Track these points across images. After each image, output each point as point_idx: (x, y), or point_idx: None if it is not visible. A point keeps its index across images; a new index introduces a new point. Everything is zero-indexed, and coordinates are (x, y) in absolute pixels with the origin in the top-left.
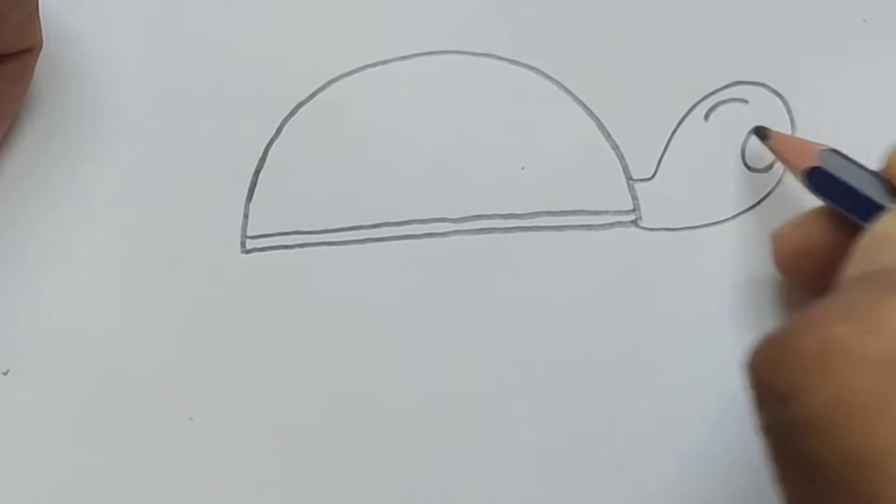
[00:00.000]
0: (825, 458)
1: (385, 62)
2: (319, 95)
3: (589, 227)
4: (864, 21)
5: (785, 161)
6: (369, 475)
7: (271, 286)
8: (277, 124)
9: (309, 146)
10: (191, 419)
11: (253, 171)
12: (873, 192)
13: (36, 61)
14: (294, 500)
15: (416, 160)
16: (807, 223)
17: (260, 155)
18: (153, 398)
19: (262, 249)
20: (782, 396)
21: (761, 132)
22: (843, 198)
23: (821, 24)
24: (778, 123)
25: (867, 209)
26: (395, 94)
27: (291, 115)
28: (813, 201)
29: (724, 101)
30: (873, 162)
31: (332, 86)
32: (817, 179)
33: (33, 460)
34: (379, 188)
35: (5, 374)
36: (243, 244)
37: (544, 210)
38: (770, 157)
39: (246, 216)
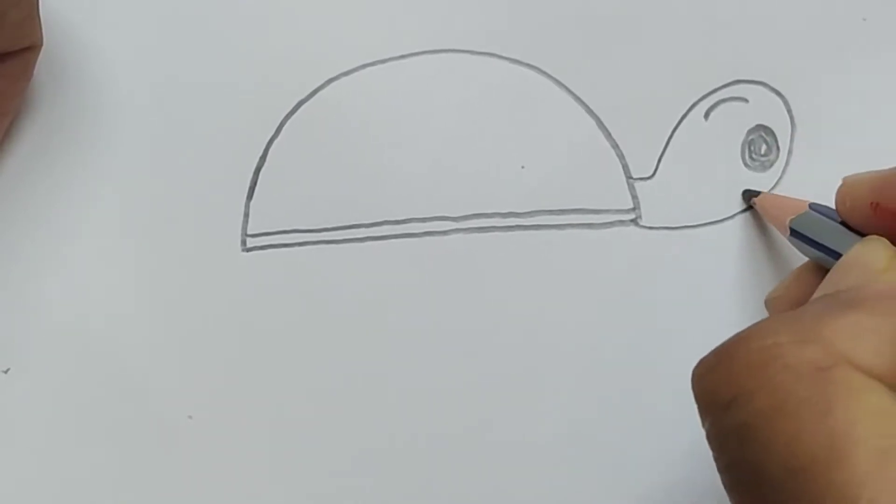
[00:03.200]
0: (766, 466)
1: (385, 61)
2: (320, 94)
3: (589, 225)
4: (865, 20)
5: (769, 217)
6: (369, 473)
7: (272, 285)
8: (278, 123)
9: (309, 144)
10: (190, 417)
11: (253, 169)
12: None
13: (36, 60)
14: (294, 498)
15: (416, 159)
16: (797, 282)
17: (260, 153)
18: (153, 396)
19: (262, 248)
20: (724, 404)
21: (746, 195)
22: (827, 249)
23: (821, 22)
24: (778, 122)
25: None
26: (396, 93)
27: (292, 113)
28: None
29: (724, 100)
30: (874, 161)
31: (333, 84)
32: (799, 240)
33: (33, 458)
34: (379, 187)
35: (6, 372)
36: (244, 242)
37: (544, 209)
38: (772, 156)
39: (246, 215)
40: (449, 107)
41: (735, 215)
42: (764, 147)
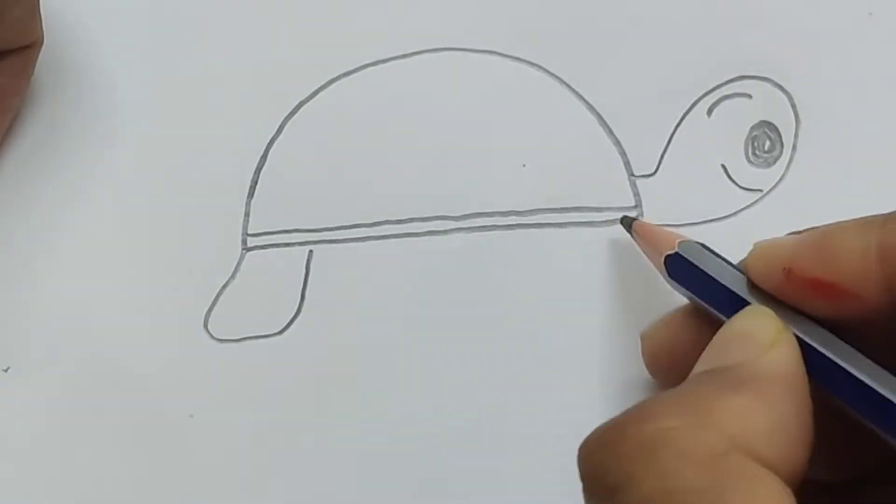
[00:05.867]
0: None
1: (386, 60)
2: (320, 94)
3: (590, 223)
4: (870, 14)
5: (647, 249)
6: (369, 471)
7: (272, 284)
8: (279, 123)
9: (310, 144)
10: (191, 416)
11: (254, 169)
12: (735, 285)
13: (37, 57)
14: (294, 497)
15: (416, 158)
16: (673, 323)
17: (261, 153)
18: (153, 395)
19: (263, 247)
20: (612, 487)
21: (626, 221)
22: (704, 290)
23: (826, 17)
24: (782, 118)
25: (729, 304)
26: (396, 93)
27: (293, 113)
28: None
29: (727, 96)
30: (880, 157)
31: (334, 84)
32: (676, 267)
33: (33, 457)
34: (380, 186)
35: (6, 371)
36: (244, 242)
37: (545, 207)
38: (776, 153)
39: (247, 214)
40: (450, 106)
41: (739, 212)
42: (768, 143)
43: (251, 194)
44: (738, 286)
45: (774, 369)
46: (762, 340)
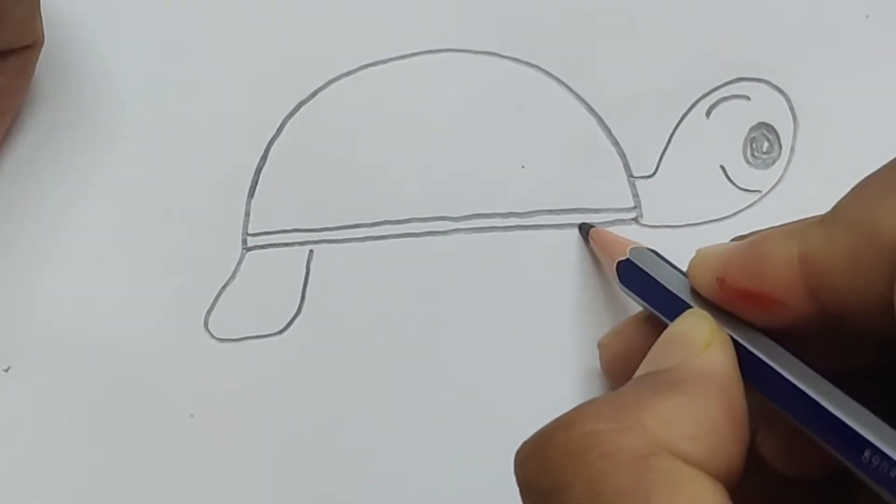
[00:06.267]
0: None
1: (385, 61)
2: (320, 94)
3: (590, 224)
4: (868, 17)
5: (601, 256)
6: (370, 470)
7: (272, 284)
8: (279, 123)
9: (310, 144)
10: (191, 416)
11: (254, 169)
12: (680, 291)
13: (38, 57)
14: (295, 497)
15: (416, 158)
16: (627, 330)
17: (261, 153)
18: (154, 395)
19: (263, 247)
20: (544, 493)
21: (584, 228)
22: (651, 296)
23: (823, 20)
24: (780, 119)
25: (674, 309)
26: (396, 93)
27: (293, 113)
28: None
29: (726, 98)
30: (877, 158)
31: (333, 84)
32: (627, 273)
33: (34, 457)
34: (379, 186)
35: (6, 370)
36: (244, 241)
37: (545, 208)
38: (775, 154)
39: (247, 214)
40: (449, 106)
41: (737, 213)
42: (766, 145)
43: (251, 194)
44: (683, 292)
45: (706, 370)
46: (697, 342)
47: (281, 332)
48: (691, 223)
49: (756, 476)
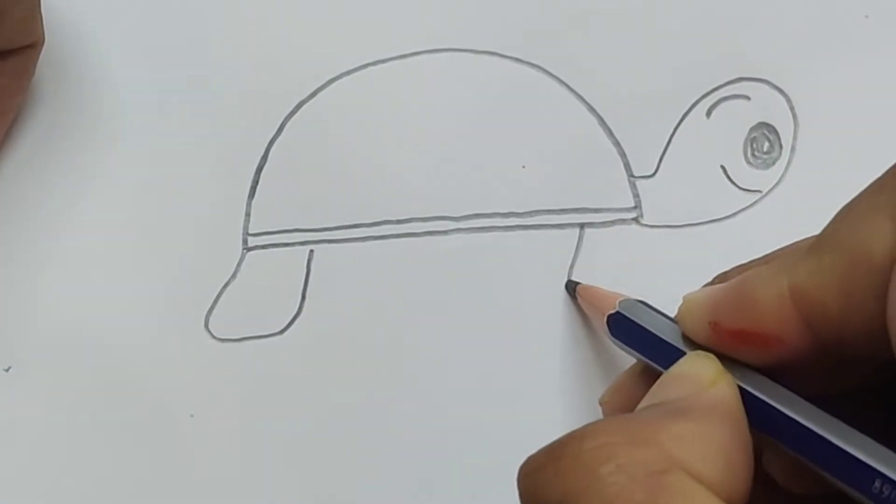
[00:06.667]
0: None
1: (386, 60)
2: (321, 94)
3: (590, 224)
4: (867, 17)
5: (590, 310)
6: (369, 471)
7: (273, 284)
8: (279, 123)
9: (310, 144)
10: (191, 416)
11: (255, 168)
12: (673, 338)
13: (38, 57)
14: (295, 496)
15: (416, 158)
16: (624, 386)
17: (262, 153)
18: (154, 395)
19: (263, 247)
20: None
21: (570, 286)
22: (645, 345)
23: (823, 20)
24: (781, 119)
25: (668, 357)
26: (397, 93)
27: (293, 113)
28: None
29: (726, 98)
30: (877, 158)
31: (334, 84)
32: (618, 326)
33: (34, 457)
34: (380, 186)
35: (6, 370)
36: (245, 241)
37: (545, 208)
38: (775, 154)
39: (248, 214)
40: (450, 106)
41: (737, 213)
42: (766, 144)
43: (252, 194)
44: (675, 339)
45: (715, 402)
46: (703, 380)
47: (281, 332)
48: (692, 223)
49: (763, 492)
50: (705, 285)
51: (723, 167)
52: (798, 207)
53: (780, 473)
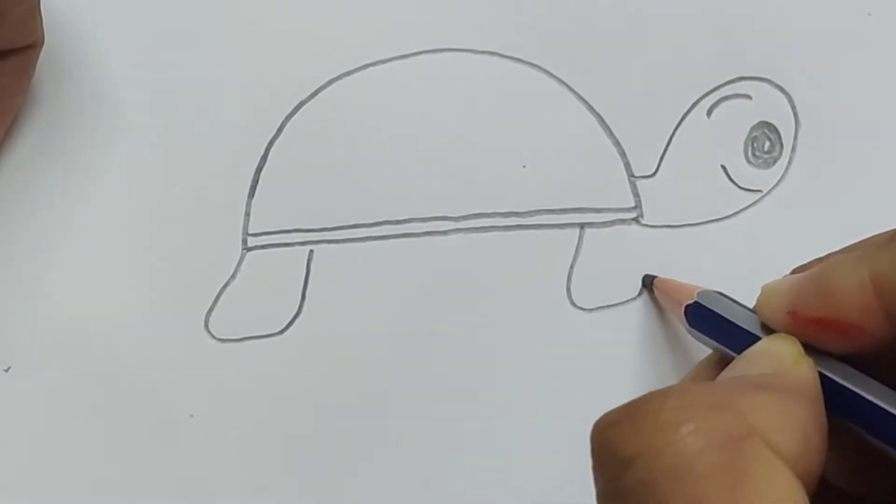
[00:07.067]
0: None
1: (386, 61)
2: (321, 94)
3: (590, 224)
4: (870, 15)
5: (667, 301)
6: (369, 470)
7: (273, 284)
8: (279, 123)
9: (310, 145)
10: (191, 416)
11: (254, 169)
12: (753, 327)
13: (37, 58)
14: (294, 496)
15: (416, 158)
16: (702, 375)
17: (261, 153)
18: (154, 395)
19: (263, 247)
20: (627, 459)
21: (647, 280)
22: (723, 334)
23: (825, 18)
24: (781, 118)
25: (747, 345)
26: (396, 93)
27: (293, 113)
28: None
29: (727, 97)
30: (879, 158)
31: (334, 84)
32: (696, 315)
33: (34, 457)
34: (379, 186)
35: (6, 370)
36: (245, 241)
37: (545, 208)
38: (776, 153)
39: (247, 214)
40: (450, 106)
41: (738, 213)
42: (767, 144)
43: (251, 194)
44: (754, 328)
45: (795, 381)
46: (785, 359)
47: (281, 332)
48: (692, 223)
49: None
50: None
51: (723, 167)
52: (799, 207)
53: (837, 471)
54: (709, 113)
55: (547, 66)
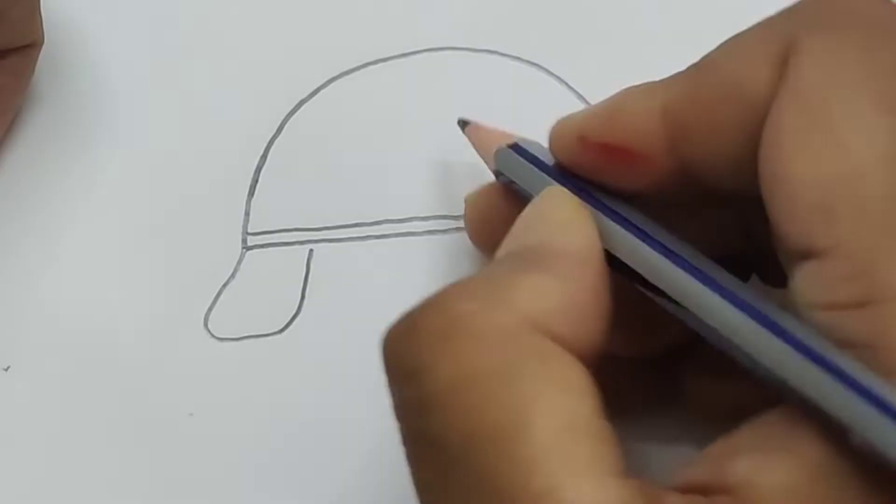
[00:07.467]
0: (447, 437)
1: (386, 59)
2: (321, 93)
3: None
4: None
5: (479, 149)
6: (371, 471)
7: (272, 283)
8: (279, 122)
9: (310, 144)
10: (191, 415)
11: (254, 168)
12: (547, 170)
13: (37, 57)
14: (295, 496)
15: (417, 157)
16: (494, 191)
17: (261, 152)
18: (153, 394)
19: (263, 246)
20: (409, 374)
21: (461, 123)
22: (522, 178)
23: None
24: None
25: (541, 187)
26: (397, 92)
27: (293, 112)
28: None
29: None
30: None
31: (334, 83)
32: (504, 161)
33: (33, 457)
34: (380, 185)
35: (6, 370)
36: (245, 241)
37: None
38: None
39: (247, 213)
40: (450, 105)
41: None
42: None
43: (251, 193)
44: (549, 170)
45: (568, 247)
46: (557, 219)
47: (281, 331)
48: None
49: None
50: None
51: None
52: None
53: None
54: None
55: (547, 65)
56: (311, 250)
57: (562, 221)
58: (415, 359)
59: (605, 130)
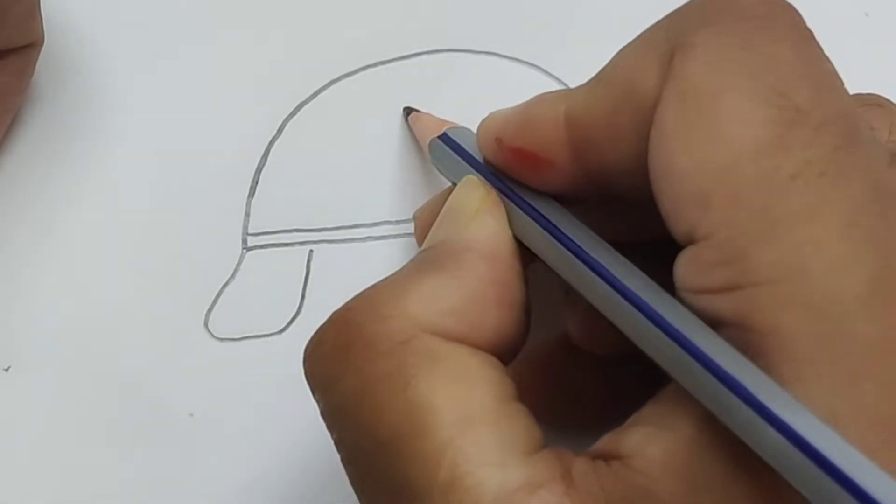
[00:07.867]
0: (360, 443)
1: (385, 62)
2: (321, 94)
3: None
4: (867, 15)
5: (419, 136)
6: None
7: (272, 284)
8: (279, 123)
9: (310, 145)
10: (191, 415)
11: (255, 169)
12: (478, 165)
13: (37, 57)
14: (295, 496)
15: (416, 158)
16: (437, 203)
17: (262, 153)
18: (154, 394)
19: (263, 247)
20: (321, 387)
21: (406, 111)
22: (454, 171)
23: (822, 18)
24: None
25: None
26: (396, 93)
27: (293, 114)
28: None
29: None
30: None
31: (334, 85)
32: (437, 151)
33: (34, 457)
34: (379, 187)
35: (6, 370)
36: (245, 241)
37: None
38: None
39: (248, 214)
40: (449, 106)
41: None
42: None
43: (251, 194)
44: (472, 161)
45: (471, 241)
46: (467, 211)
47: (281, 331)
48: None
49: (562, 351)
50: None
51: None
52: None
53: (573, 330)
54: None
55: (546, 66)
56: (311, 251)
57: (470, 214)
58: (324, 372)
59: (516, 136)
